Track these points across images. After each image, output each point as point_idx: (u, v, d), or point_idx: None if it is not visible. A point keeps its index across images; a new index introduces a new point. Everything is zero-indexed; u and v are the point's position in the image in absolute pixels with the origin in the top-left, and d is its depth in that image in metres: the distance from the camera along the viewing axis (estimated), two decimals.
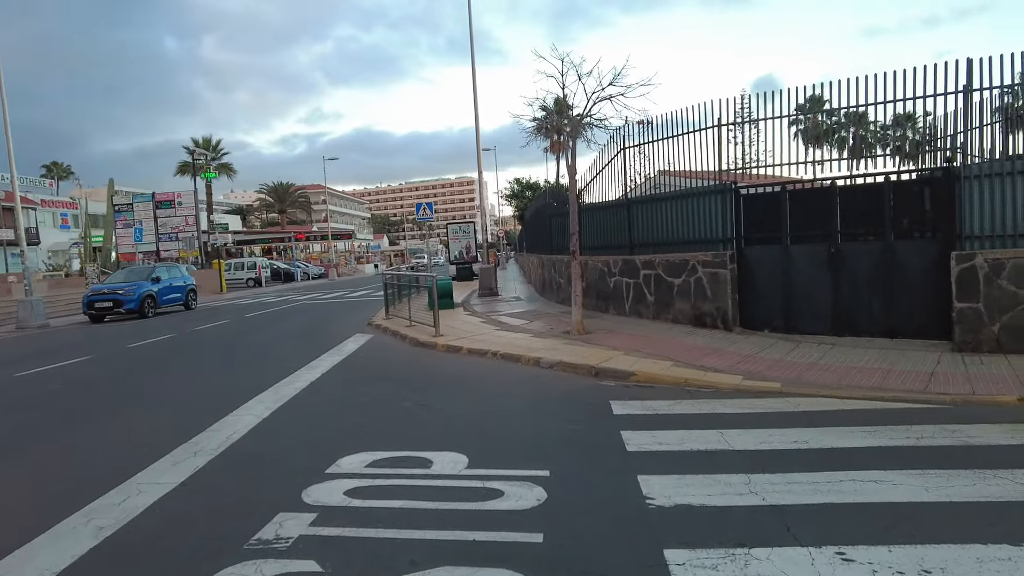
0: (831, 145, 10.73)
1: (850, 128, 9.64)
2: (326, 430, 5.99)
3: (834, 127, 10.76)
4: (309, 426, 6.17)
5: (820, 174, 9.47)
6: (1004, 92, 8.20)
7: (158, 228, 33.89)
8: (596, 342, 9.56)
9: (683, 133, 10.45)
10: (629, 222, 11.73)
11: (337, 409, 6.76)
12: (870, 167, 9.22)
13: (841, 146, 14.76)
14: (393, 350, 10.31)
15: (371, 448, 5.26)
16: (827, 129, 10.91)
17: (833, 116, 10.24)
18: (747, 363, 7.98)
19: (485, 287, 18.27)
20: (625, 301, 11.69)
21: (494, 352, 9.14)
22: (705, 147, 10.14)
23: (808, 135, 11.21)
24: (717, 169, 10.04)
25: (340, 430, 5.91)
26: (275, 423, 6.28)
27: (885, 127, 9.79)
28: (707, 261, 10.07)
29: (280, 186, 78.00)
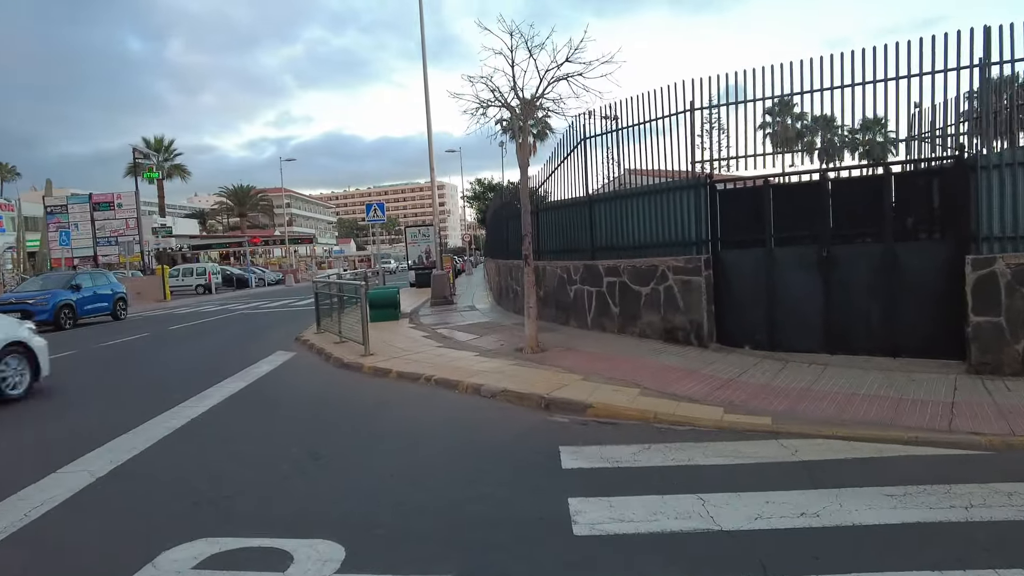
0: (802, 150, 9.58)
1: (819, 131, 8.45)
2: (167, 500, 4.39)
3: (805, 129, 9.57)
4: (147, 493, 4.56)
5: (806, 165, 8.19)
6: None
7: (95, 231, 31.54)
8: (551, 362, 8.11)
9: (651, 120, 9.09)
10: (591, 223, 10.33)
11: (199, 464, 5.16)
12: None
13: (811, 150, 13.68)
14: (310, 373, 8.72)
15: (214, 532, 3.71)
16: (797, 132, 9.73)
17: (802, 120, 9.06)
18: (728, 389, 6.63)
19: (438, 295, 16.74)
20: (587, 312, 10.28)
21: (428, 376, 7.62)
22: (677, 136, 8.80)
23: (777, 139, 10.05)
24: (690, 161, 8.70)
25: (187, 500, 4.33)
26: (105, 488, 4.66)
27: (855, 130, 8.59)
28: (678, 267, 8.71)
29: (240, 189, 75.21)
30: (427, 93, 16.68)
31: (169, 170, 50.26)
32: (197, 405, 7.03)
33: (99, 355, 11.90)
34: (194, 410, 6.80)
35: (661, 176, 9.46)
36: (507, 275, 14.17)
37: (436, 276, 17.13)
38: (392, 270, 59.22)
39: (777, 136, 10.30)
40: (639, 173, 9.91)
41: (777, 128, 10.83)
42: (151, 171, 32.66)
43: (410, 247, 27.73)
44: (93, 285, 19.64)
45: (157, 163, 48.25)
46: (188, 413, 6.67)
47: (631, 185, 9.86)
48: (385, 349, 9.66)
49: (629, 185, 9.85)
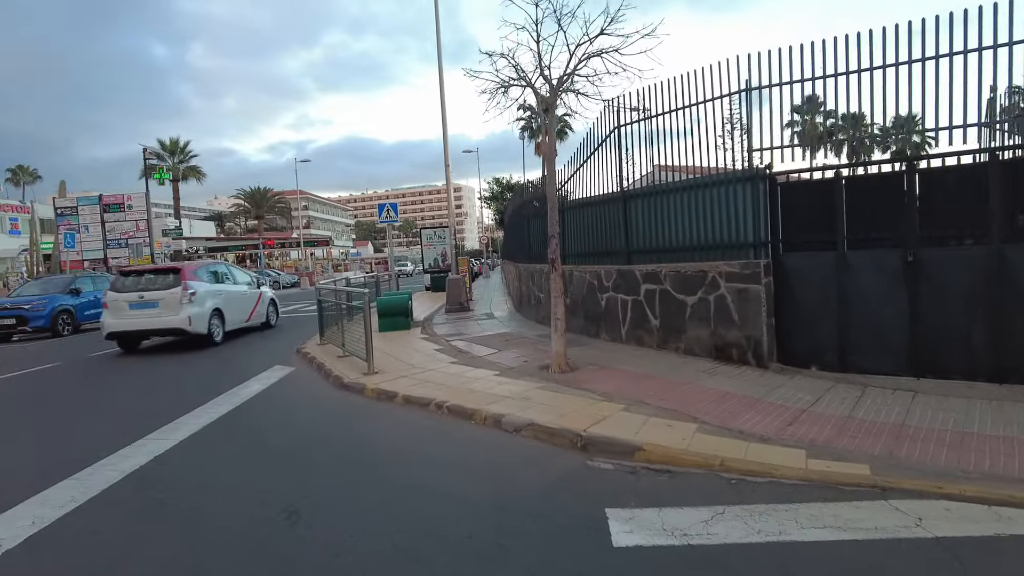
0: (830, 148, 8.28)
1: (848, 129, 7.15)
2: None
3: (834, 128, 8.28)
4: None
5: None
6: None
7: (106, 233, 30.86)
8: (584, 384, 6.91)
9: (699, 102, 7.86)
10: (626, 222, 9.10)
11: (142, 526, 4.03)
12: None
13: (839, 148, 12.30)
14: (305, 395, 7.60)
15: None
16: (825, 131, 8.45)
17: (831, 118, 7.77)
18: (803, 424, 5.40)
19: (454, 301, 15.58)
20: (621, 324, 9.06)
21: (439, 403, 6.45)
22: (727, 121, 7.57)
23: (805, 137, 8.81)
24: (745, 150, 7.48)
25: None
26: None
27: (887, 128, 7.30)
28: (733, 273, 7.47)
29: (257, 191, 74.81)
30: (442, 91, 15.56)
31: (184, 171, 49.61)
32: (167, 437, 5.93)
33: (82, 368, 10.90)
34: (161, 444, 5.70)
35: (691, 172, 8.25)
36: (528, 280, 12.99)
37: (451, 281, 15.97)
38: (408, 273, 58.31)
39: (805, 135, 9.13)
40: (671, 169, 8.70)
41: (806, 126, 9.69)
42: (160, 171, 31.90)
43: (426, 249, 26.70)
44: (94, 289, 18.75)
45: (172, 164, 47.83)
46: (153, 448, 5.56)
47: (670, 179, 8.63)
48: (392, 365, 8.52)
49: (667, 179, 8.63)
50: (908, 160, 6.64)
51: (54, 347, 14.43)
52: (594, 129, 9.71)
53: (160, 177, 31.84)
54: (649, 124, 8.58)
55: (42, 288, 18.17)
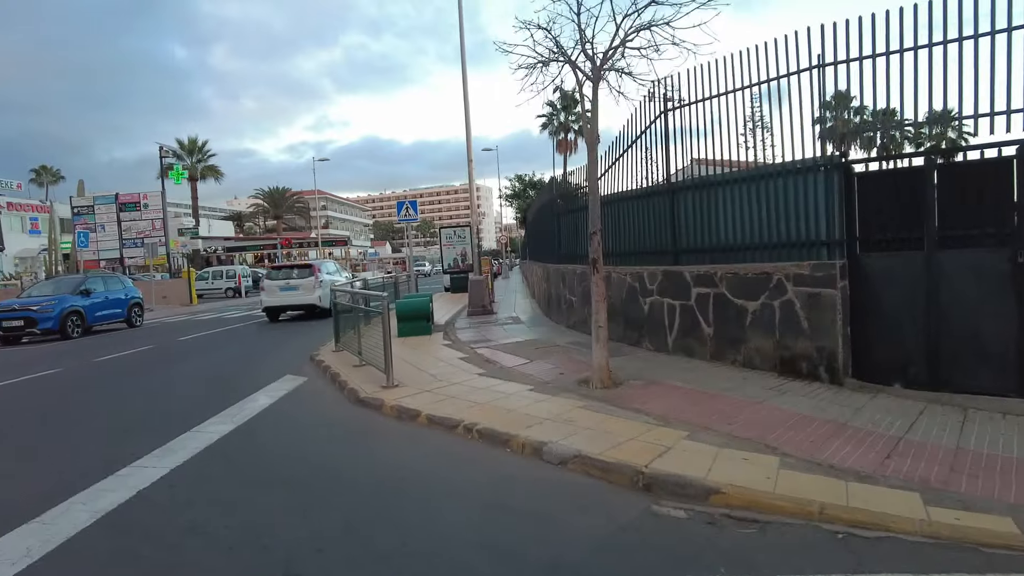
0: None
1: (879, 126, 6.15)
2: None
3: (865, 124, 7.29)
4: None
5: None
6: None
7: (122, 233, 30.47)
8: (633, 403, 6.01)
9: (760, 82, 6.93)
10: (673, 217, 8.18)
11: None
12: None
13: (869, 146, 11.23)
14: (317, 411, 6.77)
15: None
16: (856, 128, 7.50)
17: (862, 115, 6.85)
18: (905, 458, 4.49)
19: (476, 304, 14.73)
20: (667, 332, 8.14)
21: (469, 424, 5.59)
22: (798, 104, 6.63)
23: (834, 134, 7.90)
24: (817, 135, 6.54)
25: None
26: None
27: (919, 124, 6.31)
28: (802, 276, 6.53)
29: (276, 191, 74.78)
30: (464, 81, 14.72)
31: (202, 171, 49.50)
32: (156, 464, 5.14)
33: (82, 375, 10.21)
34: (147, 474, 4.90)
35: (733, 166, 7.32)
36: (558, 282, 12.09)
37: (474, 282, 15.12)
38: (426, 273, 57.58)
39: (834, 132, 8.22)
40: (711, 164, 7.79)
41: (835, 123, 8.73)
42: (176, 170, 31.48)
43: (445, 249, 25.91)
44: (105, 290, 18.22)
45: (190, 164, 47.63)
46: (137, 480, 4.77)
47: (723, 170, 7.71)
48: (413, 377, 7.69)
49: (706, 173, 7.70)
50: (1019, 143, 5.64)
51: (60, 351, 13.82)
52: (634, 117, 8.79)
53: (176, 176, 31.37)
54: (700, 109, 7.65)
55: (52, 289, 17.63)
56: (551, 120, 45.72)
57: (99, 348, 13.71)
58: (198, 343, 13.86)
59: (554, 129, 45.62)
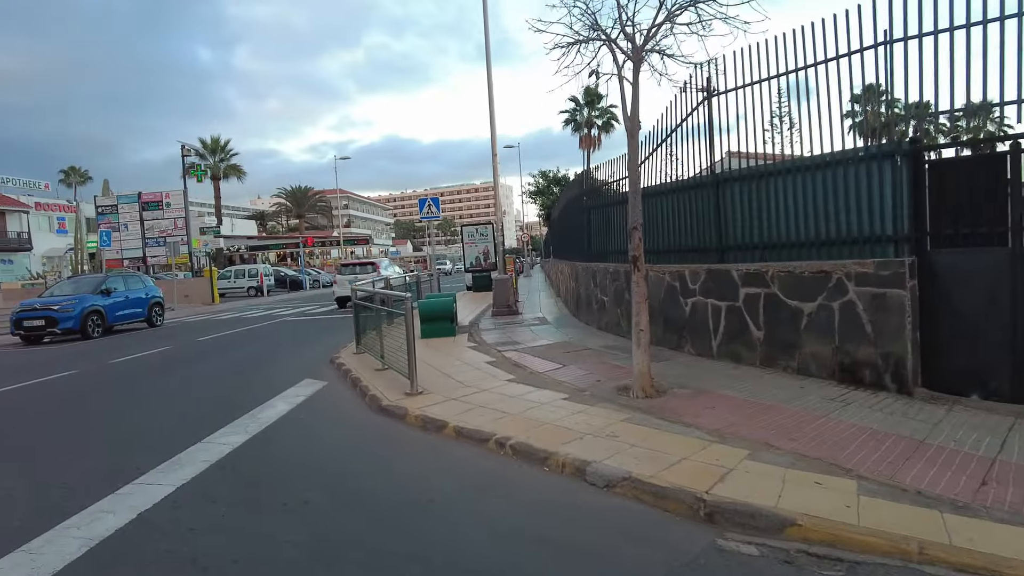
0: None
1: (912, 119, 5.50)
2: None
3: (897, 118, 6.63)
4: None
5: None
6: None
7: (144, 232, 30.48)
8: (680, 415, 5.46)
9: (818, 63, 6.31)
10: (718, 212, 7.59)
11: None
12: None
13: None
14: (337, 420, 6.31)
15: None
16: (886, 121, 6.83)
17: (892, 108, 6.19)
18: (1005, 485, 3.93)
19: (501, 304, 14.21)
20: (712, 335, 7.55)
21: (501, 439, 5.07)
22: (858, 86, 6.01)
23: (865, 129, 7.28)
24: (883, 120, 5.92)
25: None
26: None
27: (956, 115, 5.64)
28: (865, 274, 5.92)
29: (298, 190, 75.00)
30: (488, 67, 14.22)
31: (225, 170, 49.60)
32: (161, 480, 4.70)
33: (98, 377, 9.89)
34: (150, 492, 4.46)
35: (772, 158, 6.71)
36: (588, 281, 11.53)
37: (498, 281, 14.61)
38: (447, 271, 57.21)
39: (865, 126, 7.60)
40: (748, 156, 7.20)
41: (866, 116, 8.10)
42: (198, 168, 31.41)
43: (467, 247, 25.45)
44: (125, 289, 18.05)
45: (213, 163, 47.77)
46: (139, 500, 4.33)
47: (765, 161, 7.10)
48: (438, 382, 7.21)
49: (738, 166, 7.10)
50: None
51: (79, 351, 13.61)
52: (674, 105, 8.20)
53: (197, 174, 31.32)
54: (748, 95, 7.05)
55: (73, 288, 17.49)
56: (574, 116, 44.98)
57: (117, 349, 13.46)
58: (217, 343, 13.54)
59: (577, 125, 44.89)
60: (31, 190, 42.92)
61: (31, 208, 42.12)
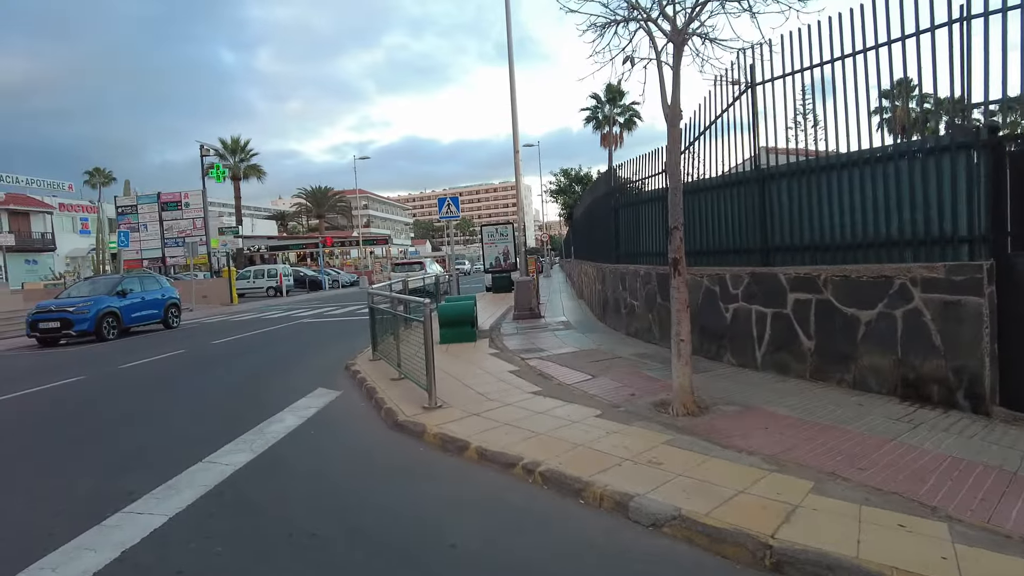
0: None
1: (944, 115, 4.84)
2: None
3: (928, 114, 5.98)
4: None
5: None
6: None
7: (163, 232, 30.43)
8: (728, 437, 4.89)
9: (879, 44, 5.70)
10: (763, 209, 6.99)
11: None
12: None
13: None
14: (349, 438, 5.81)
15: None
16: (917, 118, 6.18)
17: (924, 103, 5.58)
18: None
19: (523, 307, 13.68)
20: (755, 344, 6.95)
21: (529, 465, 4.54)
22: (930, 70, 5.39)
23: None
24: (962, 106, 5.29)
25: None
26: None
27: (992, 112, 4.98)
28: (934, 280, 5.30)
29: (318, 190, 75.19)
30: (511, 62, 13.72)
31: (245, 171, 49.60)
32: (152, 510, 4.24)
33: (103, 384, 9.54)
34: (140, 524, 4.00)
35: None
36: (616, 284, 10.95)
37: (520, 283, 14.08)
38: (466, 271, 56.76)
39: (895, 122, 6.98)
40: (782, 152, 6.60)
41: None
42: (217, 168, 31.29)
43: (487, 247, 24.96)
44: (142, 290, 17.82)
45: (233, 163, 47.79)
46: (125, 534, 3.86)
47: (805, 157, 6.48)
48: (458, 394, 6.70)
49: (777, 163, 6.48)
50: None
51: (92, 354, 13.34)
52: (712, 94, 7.61)
53: (216, 174, 31.19)
54: (798, 82, 6.44)
55: (89, 289, 17.30)
56: (595, 113, 44.28)
57: (130, 352, 13.16)
58: (231, 347, 13.19)
59: (599, 123, 44.18)
60: (55, 191, 43.26)
61: (55, 209, 42.46)
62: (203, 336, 15.88)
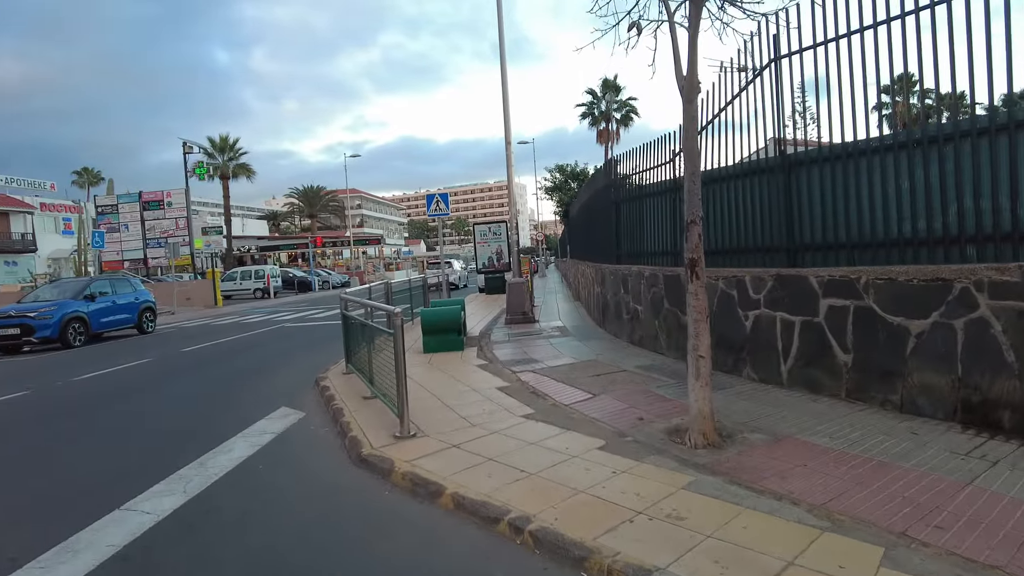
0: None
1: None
2: None
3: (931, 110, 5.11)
4: None
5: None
6: None
7: (145, 232, 29.37)
8: (763, 479, 3.96)
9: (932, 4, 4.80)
10: (789, 202, 6.09)
11: None
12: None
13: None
14: (302, 476, 4.87)
15: None
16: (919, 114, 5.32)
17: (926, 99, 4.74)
18: None
19: (515, 311, 12.74)
20: (780, 358, 6.04)
21: (517, 521, 3.61)
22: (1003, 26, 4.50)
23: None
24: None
25: None
26: None
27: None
28: (1004, 284, 4.40)
29: (310, 190, 74.13)
30: (501, 41, 12.80)
31: (234, 170, 48.48)
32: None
33: (46, 402, 8.55)
34: None
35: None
36: (618, 287, 10.02)
37: (513, 285, 13.14)
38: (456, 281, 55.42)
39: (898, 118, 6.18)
40: (787, 144, 5.68)
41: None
42: (201, 167, 30.25)
43: (479, 247, 24.07)
44: (112, 294, 16.82)
45: (222, 162, 46.70)
46: None
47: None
48: (437, 418, 5.78)
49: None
50: None
51: (51, 363, 12.37)
52: (728, 71, 6.70)
53: (201, 172, 30.15)
54: (834, 52, 5.53)
55: (56, 293, 16.30)
56: (591, 108, 43.32)
57: (92, 362, 12.18)
58: (201, 355, 12.22)
59: (595, 119, 43.22)
60: (37, 190, 42.15)
61: (35, 209, 41.32)
62: (176, 342, 14.91)
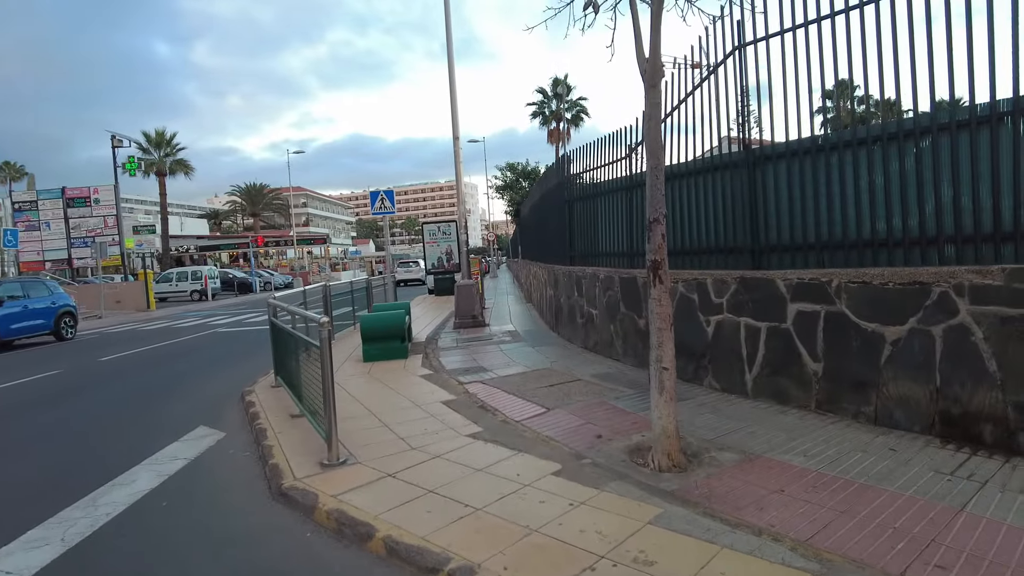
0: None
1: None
2: None
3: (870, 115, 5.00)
4: None
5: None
6: None
7: (70, 231, 27.47)
8: (738, 508, 3.51)
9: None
10: (753, 198, 5.70)
11: None
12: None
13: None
14: (210, 515, 4.18)
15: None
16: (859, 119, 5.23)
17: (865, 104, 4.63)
18: None
19: (465, 315, 12.14)
20: (745, 366, 5.65)
21: (458, 573, 3.05)
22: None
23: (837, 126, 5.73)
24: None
25: None
26: None
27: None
28: (986, 288, 4.08)
29: (253, 188, 71.71)
30: (449, 43, 12.19)
31: (171, 166, 46.20)
32: None
33: None
34: None
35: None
36: (571, 290, 9.55)
37: (461, 287, 12.54)
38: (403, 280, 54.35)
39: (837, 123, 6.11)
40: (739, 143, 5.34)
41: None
42: (131, 162, 28.51)
43: (429, 247, 23.34)
44: (24, 298, 15.44)
45: (158, 158, 44.44)
46: None
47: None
48: (372, 440, 5.16)
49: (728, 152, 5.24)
50: None
51: None
52: (687, 61, 6.29)
53: (132, 168, 28.39)
54: (802, 39, 5.17)
55: None
56: (542, 108, 43.05)
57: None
58: (119, 365, 11.19)
59: (545, 118, 42.96)
60: None
61: None
62: (96, 350, 13.73)
